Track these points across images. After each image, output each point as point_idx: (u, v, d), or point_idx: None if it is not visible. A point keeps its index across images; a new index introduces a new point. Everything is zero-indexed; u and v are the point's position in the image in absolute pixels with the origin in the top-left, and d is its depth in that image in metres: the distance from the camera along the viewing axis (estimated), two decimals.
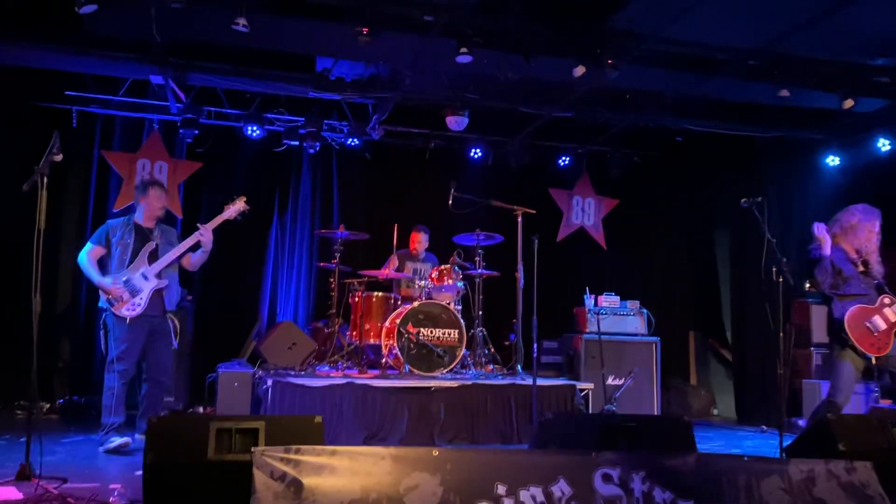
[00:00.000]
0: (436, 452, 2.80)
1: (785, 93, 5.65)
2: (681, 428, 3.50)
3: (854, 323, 4.53)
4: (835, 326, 4.62)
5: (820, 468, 3.20)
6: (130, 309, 4.86)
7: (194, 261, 5.19)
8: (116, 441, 4.68)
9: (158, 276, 4.98)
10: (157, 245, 5.04)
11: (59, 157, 3.73)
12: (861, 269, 4.68)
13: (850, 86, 5.84)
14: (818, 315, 6.96)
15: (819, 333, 6.95)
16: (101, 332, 4.97)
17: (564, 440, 3.35)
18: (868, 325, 4.53)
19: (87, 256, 4.96)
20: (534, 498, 2.80)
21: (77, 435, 5.34)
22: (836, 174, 7.37)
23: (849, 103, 5.82)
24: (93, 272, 4.92)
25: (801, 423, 6.13)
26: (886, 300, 4.62)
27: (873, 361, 4.56)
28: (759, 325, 6.70)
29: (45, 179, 3.66)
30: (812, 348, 6.90)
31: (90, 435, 5.22)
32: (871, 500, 3.17)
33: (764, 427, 6.70)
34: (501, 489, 2.77)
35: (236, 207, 5.19)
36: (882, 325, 4.54)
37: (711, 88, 6.28)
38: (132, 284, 4.91)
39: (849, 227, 4.75)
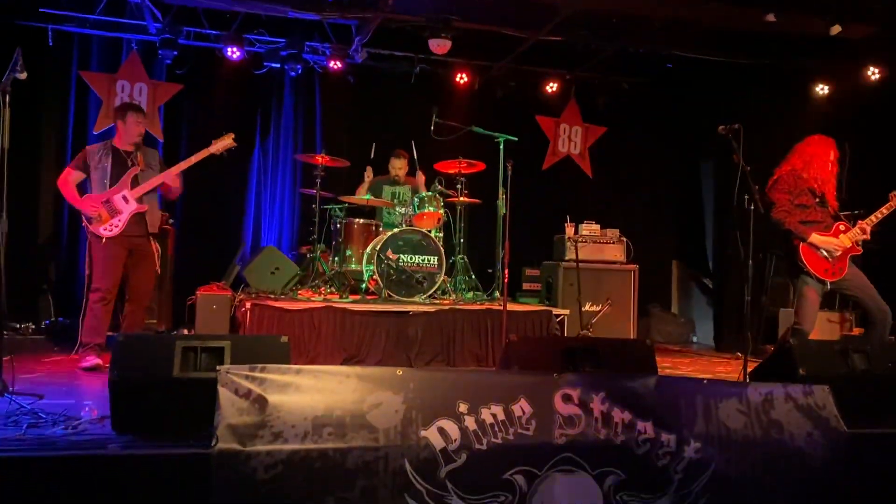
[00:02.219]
0: (399, 372, 2.86)
1: (771, 17, 5.53)
2: (642, 351, 3.57)
3: (808, 250, 4.62)
4: (791, 254, 4.71)
5: (778, 391, 3.30)
6: (108, 229, 4.90)
7: (174, 187, 5.25)
8: (92, 361, 4.80)
9: (140, 200, 5.01)
10: (140, 170, 5.05)
11: (23, 76, 3.63)
12: (817, 200, 4.74)
13: (839, 11, 5.71)
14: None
15: None
16: (86, 253, 5.06)
17: (527, 362, 3.42)
18: (823, 252, 4.60)
19: (65, 179, 5.03)
20: (494, 416, 2.88)
21: (59, 355, 5.42)
22: (825, 103, 7.30)
23: (835, 29, 5.72)
24: (70, 194, 5.01)
25: None
26: (842, 227, 4.71)
27: (828, 287, 4.66)
28: (739, 254, 6.76)
29: (7, 97, 3.59)
30: None
31: (72, 355, 5.30)
32: (826, 422, 3.28)
33: (739, 354, 6.82)
34: (463, 407, 2.84)
35: (223, 143, 5.19)
36: (837, 252, 4.62)
37: (700, 13, 6.14)
38: (111, 205, 4.94)
39: (808, 157, 4.76)
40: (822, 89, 7.25)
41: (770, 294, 7.02)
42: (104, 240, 4.89)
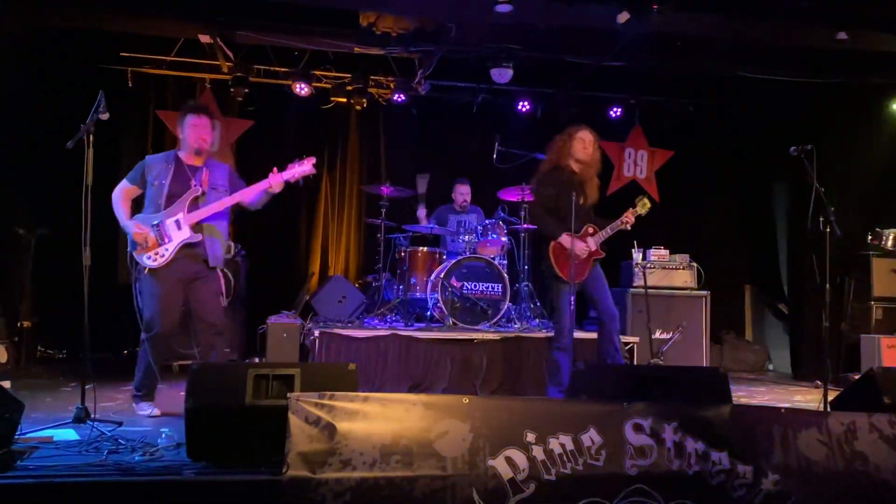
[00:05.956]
0: (466, 400, 2.85)
1: (842, 35, 5.38)
2: (716, 379, 3.46)
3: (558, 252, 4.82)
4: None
5: (862, 421, 3.16)
6: (151, 258, 4.14)
7: (253, 201, 4.43)
8: (147, 410, 4.29)
9: (196, 228, 4.21)
10: (202, 192, 4.26)
11: (105, 116, 3.82)
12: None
13: None
14: (879, 268, 6.75)
15: (881, 287, 6.74)
16: (136, 286, 4.30)
17: (596, 390, 3.36)
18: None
19: (119, 193, 4.31)
20: (563, 445, 2.84)
21: None
22: None
23: None
24: (120, 211, 4.26)
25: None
26: (591, 230, 4.99)
27: (574, 286, 4.79)
28: (815, 278, 6.53)
29: (91, 137, 3.79)
30: (872, 302, 6.69)
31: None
32: None
33: (818, 382, 6.56)
34: (531, 436, 2.81)
35: (301, 170, 4.29)
36: (583, 254, 4.85)
37: (766, 33, 6.02)
38: (161, 230, 4.17)
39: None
40: None
41: (850, 319, 6.75)
42: (147, 270, 4.16)
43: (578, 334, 5.61)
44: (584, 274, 4.88)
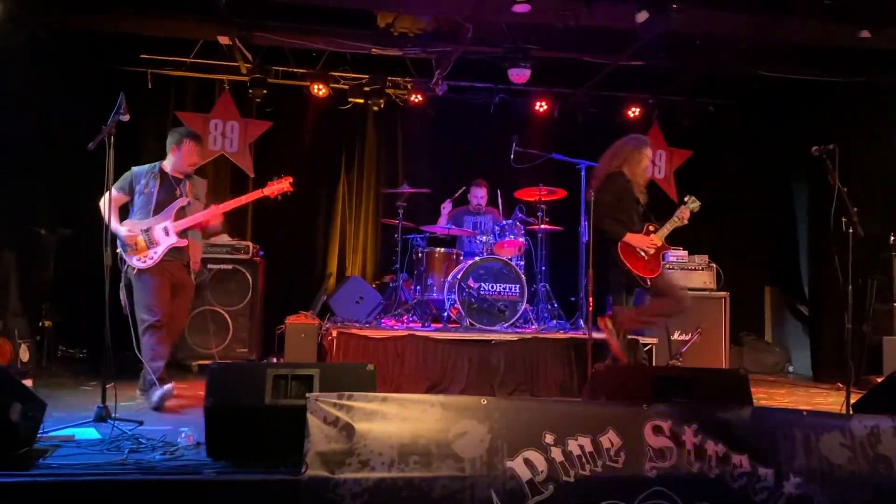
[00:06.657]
0: (484, 401, 2.85)
1: (865, 34, 5.32)
2: (737, 381, 3.43)
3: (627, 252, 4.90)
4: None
5: (886, 424, 3.13)
6: (141, 260, 4.52)
7: (214, 225, 4.97)
8: (159, 391, 4.39)
9: (182, 234, 4.65)
10: (188, 202, 4.71)
11: (125, 118, 3.87)
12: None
13: None
14: None
15: None
16: (122, 285, 4.55)
17: (615, 392, 3.35)
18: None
19: (109, 202, 4.45)
20: (582, 447, 2.83)
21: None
22: None
23: None
24: (111, 217, 4.43)
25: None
26: (651, 227, 5.03)
27: (648, 284, 4.92)
28: (836, 279, 6.45)
29: (112, 139, 3.83)
30: (895, 303, 6.59)
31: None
32: None
33: (839, 384, 6.48)
34: (549, 438, 2.81)
35: (279, 187, 4.85)
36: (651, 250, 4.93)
37: (787, 32, 5.96)
38: (151, 235, 4.57)
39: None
40: None
41: (872, 321, 6.66)
42: (136, 271, 4.54)
43: (597, 336, 5.57)
44: (657, 270, 4.97)
